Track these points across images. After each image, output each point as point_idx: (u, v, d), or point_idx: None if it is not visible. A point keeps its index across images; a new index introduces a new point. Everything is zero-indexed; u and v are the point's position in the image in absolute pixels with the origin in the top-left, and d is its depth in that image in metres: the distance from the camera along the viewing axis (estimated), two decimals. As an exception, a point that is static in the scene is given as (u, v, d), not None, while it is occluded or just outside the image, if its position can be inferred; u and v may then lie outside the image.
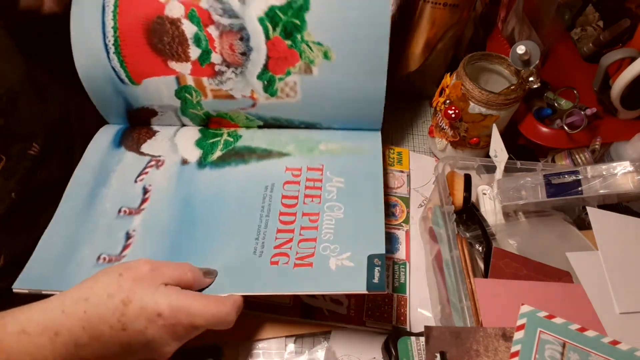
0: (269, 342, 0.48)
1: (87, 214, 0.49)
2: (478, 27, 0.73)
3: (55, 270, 0.44)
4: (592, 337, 0.40)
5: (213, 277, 0.43)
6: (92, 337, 0.35)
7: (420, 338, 0.44)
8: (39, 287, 0.42)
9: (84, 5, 0.51)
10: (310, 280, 0.43)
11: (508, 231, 0.50)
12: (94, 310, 0.35)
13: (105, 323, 0.35)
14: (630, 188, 0.48)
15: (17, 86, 0.47)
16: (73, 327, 0.35)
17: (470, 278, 0.45)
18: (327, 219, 0.49)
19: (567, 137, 0.58)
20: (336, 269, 0.44)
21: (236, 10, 0.50)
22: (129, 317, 0.35)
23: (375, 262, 0.44)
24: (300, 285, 0.43)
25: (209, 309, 0.38)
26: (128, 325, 0.35)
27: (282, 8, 0.50)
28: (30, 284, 0.43)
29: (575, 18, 0.72)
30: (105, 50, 0.51)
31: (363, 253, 0.45)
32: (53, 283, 0.43)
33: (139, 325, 0.35)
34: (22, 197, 0.47)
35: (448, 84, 0.60)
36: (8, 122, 0.46)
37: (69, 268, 0.45)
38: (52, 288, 0.42)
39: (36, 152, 0.50)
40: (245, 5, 0.50)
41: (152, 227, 0.48)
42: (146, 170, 0.53)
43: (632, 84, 0.54)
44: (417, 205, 0.62)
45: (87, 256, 0.46)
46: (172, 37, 0.51)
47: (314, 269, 0.44)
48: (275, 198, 0.51)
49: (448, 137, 0.62)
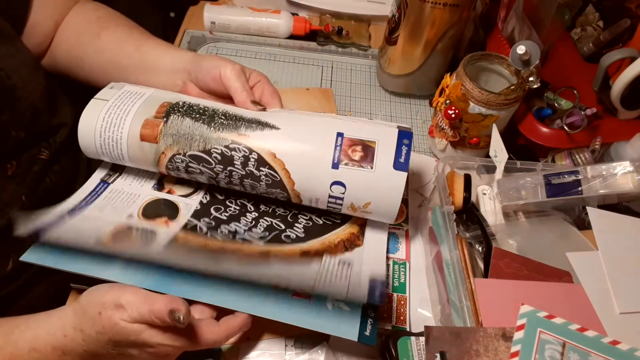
0: (269, 342, 0.48)
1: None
2: (478, 27, 0.73)
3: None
4: (592, 337, 0.40)
5: (180, 325, 0.37)
6: (94, 355, 0.39)
7: (420, 338, 0.44)
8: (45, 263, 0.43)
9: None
10: (306, 314, 0.43)
11: (508, 231, 0.50)
12: (89, 340, 0.38)
13: (102, 349, 0.39)
14: (630, 188, 0.48)
15: (39, 102, 0.48)
16: (76, 349, 0.38)
17: (470, 278, 0.45)
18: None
19: (567, 137, 0.58)
20: (332, 310, 0.44)
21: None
22: (122, 348, 0.39)
23: (369, 313, 0.44)
24: (295, 317, 0.43)
25: (196, 341, 0.39)
26: (123, 352, 0.39)
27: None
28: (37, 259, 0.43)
29: (575, 18, 0.72)
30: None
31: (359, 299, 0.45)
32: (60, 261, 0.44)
33: (133, 352, 0.39)
34: (32, 201, 0.48)
35: (448, 84, 0.60)
36: (28, 135, 0.47)
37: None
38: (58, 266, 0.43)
39: (46, 156, 0.50)
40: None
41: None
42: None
43: (632, 84, 0.54)
44: (417, 205, 0.62)
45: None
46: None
47: (312, 304, 0.44)
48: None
49: (448, 137, 0.62)
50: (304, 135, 0.46)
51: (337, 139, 0.45)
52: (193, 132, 0.46)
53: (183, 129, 0.46)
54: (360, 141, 0.45)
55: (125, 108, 0.47)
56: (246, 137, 0.45)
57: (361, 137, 0.46)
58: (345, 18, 0.85)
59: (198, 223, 0.50)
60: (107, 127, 0.47)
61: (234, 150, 0.45)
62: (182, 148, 0.46)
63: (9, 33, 0.47)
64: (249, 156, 0.45)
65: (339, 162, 0.44)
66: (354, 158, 0.44)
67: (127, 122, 0.47)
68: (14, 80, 0.45)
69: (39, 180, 0.50)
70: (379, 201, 0.46)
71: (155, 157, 0.47)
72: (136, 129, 0.46)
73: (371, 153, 0.45)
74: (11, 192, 0.46)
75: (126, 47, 0.54)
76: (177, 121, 0.46)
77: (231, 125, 0.46)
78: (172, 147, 0.46)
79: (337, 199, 0.46)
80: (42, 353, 0.38)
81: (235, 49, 0.80)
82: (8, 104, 0.45)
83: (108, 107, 0.47)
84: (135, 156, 0.48)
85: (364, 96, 0.75)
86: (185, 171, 0.48)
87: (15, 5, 0.50)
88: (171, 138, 0.46)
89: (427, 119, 0.73)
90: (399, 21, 0.65)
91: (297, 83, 0.76)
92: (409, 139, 0.46)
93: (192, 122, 0.46)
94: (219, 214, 0.51)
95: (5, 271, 0.46)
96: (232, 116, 0.47)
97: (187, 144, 0.46)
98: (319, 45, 0.82)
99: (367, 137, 0.46)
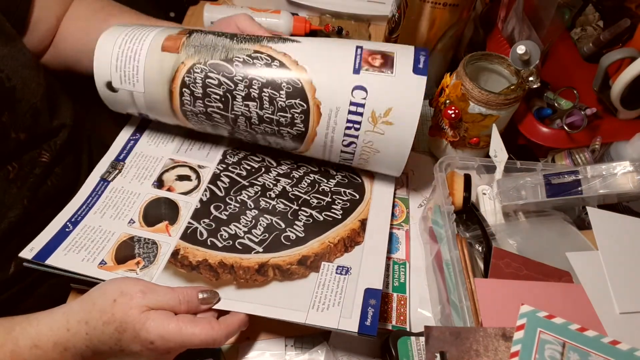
0: (269, 342, 0.48)
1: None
2: (478, 27, 0.73)
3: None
4: (592, 337, 0.40)
5: (211, 303, 0.42)
6: (96, 352, 0.39)
7: (420, 338, 0.44)
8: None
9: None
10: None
11: (508, 231, 0.50)
12: (93, 333, 0.38)
13: (104, 344, 0.38)
14: (630, 188, 0.48)
15: (39, 103, 0.48)
16: (78, 344, 0.38)
17: (470, 278, 0.45)
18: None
19: (567, 137, 0.58)
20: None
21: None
22: (125, 342, 0.38)
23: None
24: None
25: (197, 337, 0.39)
26: (125, 347, 0.38)
27: None
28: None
29: (575, 18, 0.72)
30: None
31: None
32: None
33: (135, 348, 0.38)
34: (34, 204, 0.48)
35: (448, 84, 0.60)
36: (28, 137, 0.47)
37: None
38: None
39: (47, 159, 0.50)
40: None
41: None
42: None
43: (632, 84, 0.54)
44: (417, 205, 0.62)
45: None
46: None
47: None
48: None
49: (448, 137, 0.62)
50: (325, 46, 0.48)
51: (357, 50, 0.47)
52: (216, 43, 0.47)
53: (206, 41, 0.47)
54: (380, 52, 0.47)
55: (147, 30, 0.49)
56: (269, 48, 0.47)
57: (381, 49, 0.48)
58: (345, 18, 0.85)
59: (198, 226, 0.50)
60: (129, 39, 0.48)
61: (256, 58, 0.46)
62: (203, 57, 0.47)
63: (10, 33, 0.47)
64: (272, 63, 0.46)
65: (360, 68, 0.46)
66: (375, 64, 0.46)
67: (150, 36, 0.48)
68: (15, 81, 0.45)
69: (40, 183, 0.50)
70: (401, 106, 0.46)
71: (173, 69, 0.47)
72: (158, 42, 0.48)
73: (391, 60, 0.47)
74: (13, 196, 0.46)
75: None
76: (200, 36, 0.48)
77: (253, 40, 0.48)
78: (193, 57, 0.47)
79: (359, 105, 0.46)
80: (44, 350, 0.38)
81: (235, 49, 0.79)
82: (8, 105, 0.45)
83: (129, 30, 0.49)
84: (151, 70, 0.48)
85: (364, 96, 0.75)
86: (202, 86, 0.47)
87: (16, 3, 0.50)
88: (193, 48, 0.47)
89: (427, 119, 0.73)
90: (399, 21, 0.65)
91: (297, 83, 0.76)
92: (425, 52, 0.48)
93: (214, 37, 0.48)
94: (218, 213, 0.51)
95: (7, 275, 0.46)
96: (253, 36, 0.49)
97: (208, 54, 0.47)
98: (319, 45, 0.82)
99: (386, 49, 0.48)
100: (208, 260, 0.47)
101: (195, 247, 0.48)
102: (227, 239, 0.49)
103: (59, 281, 0.46)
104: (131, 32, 0.49)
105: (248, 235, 0.49)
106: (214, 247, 0.48)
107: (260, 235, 0.50)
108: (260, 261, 0.47)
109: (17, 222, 0.46)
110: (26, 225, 0.47)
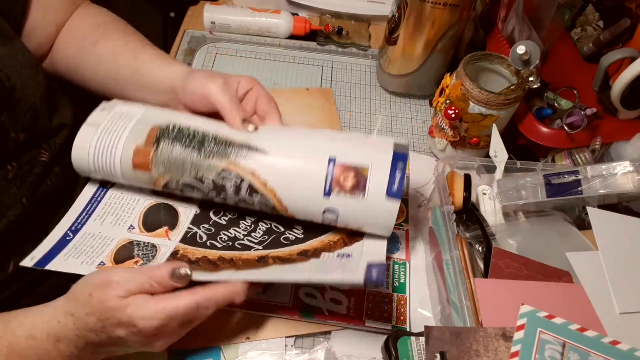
0: (269, 342, 0.48)
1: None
2: (478, 27, 0.73)
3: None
4: (592, 337, 0.40)
5: (184, 281, 0.40)
6: (87, 342, 0.39)
7: (420, 338, 0.44)
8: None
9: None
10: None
11: (508, 231, 0.50)
12: (80, 323, 0.38)
13: (92, 332, 0.39)
14: (630, 188, 0.48)
15: (39, 103, 0.48)
16: (69, 335, 0.39)
17: (470, 278, 0.45)
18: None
19: (567, 137, 0.58)
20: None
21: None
22: (110, 329, 0.38)
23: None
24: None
25: (181, 308, 0.39)
26: (111, 333, 0.39)
27: None
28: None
29: (575, 18, 0.72)
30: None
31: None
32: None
33: (121, 334, 0.39)
34: (33, 203, 0.48)
35: (448, 84, 0.60)
36: (28, 136, 0.47)
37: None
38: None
39: (46, 158, 0.50)
40: None
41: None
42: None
43: (632, 84, 0.54)
44: (417, 205, 0.62)
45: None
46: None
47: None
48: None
49: (448, 137, 0.62)
50: (294, 162, 0.46)
51: (328, 166, 0.45)
52: (184, 160, 0.45)
53: (174, 157, 0.46)
54: (353, 167, 0.45)
55: (116, 134, 0.47)
56: (236, 166, 0.45)
57: (354, 162, 0.45)
58: (345, 18, 0.85)
59: (198, 231, 0.50)
60: (100, 154, 0.47)
61: (225, 178, 0.45)
62: (174, 176, 0.46)
63: (9, 33, 0.47)
64: (240, 185, 0.45)
65: (331, 191, 0.44)
66: (346, 186, 0.44)
67: (119, 150, 0.46)
68: (14, 81, 0.45)
69: (39, 182, 0.50)
70: (372, 227, 0.46)
71: (150, 182, 0.47)
72: (128, 157, 0.46)
73: (363, 180, 0.44)
74: (12, 195, 0.46)
75: (121, 60, 0.54)
76: (168, 148, 0.46)
77: (221, 152, 0.46)
78: (164, 176, 0.46)
79: (331, 221, 0.46)
80: (39, 340, 0.39)
81: (235, 49, 0.80)
82: (8, 105, 0.45)
83: (99, 134, 0.47)
84: (131, 180, 0.48)
85: (364, 96, 0.75)
86: (181, 193, 0.48)
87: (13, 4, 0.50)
88: (162, 166, 0.46)
89: (427, 119, 0.73)
90: (399, 21, 0.65)
91: (297, 83, 0.76)
92: (404, 161, 0.45)
93: (182, 149, 0.46)
94: (218, 218, 0.51)
95: (7, 274, 0.46)
96: (222, 141, 0.46)
97: (179, 173, 0.46)
98: (319, 45, 0.82)
99: (360, 162, 0.45)
100: (207, 257, 0.47)
101: (194, 248, 0.48)
102: (227, 241, 0.49)
103: (58, 280, 0.46)
104: (100, 142, 0.47)
105: (248, 237, 0.49)
106: (214, 247, 0.48)
107: (259, 237, 0.50)
108: (260, 255, 0.47)
109: (17, 222, 0.46)
110: (25, 225, 0.47)
